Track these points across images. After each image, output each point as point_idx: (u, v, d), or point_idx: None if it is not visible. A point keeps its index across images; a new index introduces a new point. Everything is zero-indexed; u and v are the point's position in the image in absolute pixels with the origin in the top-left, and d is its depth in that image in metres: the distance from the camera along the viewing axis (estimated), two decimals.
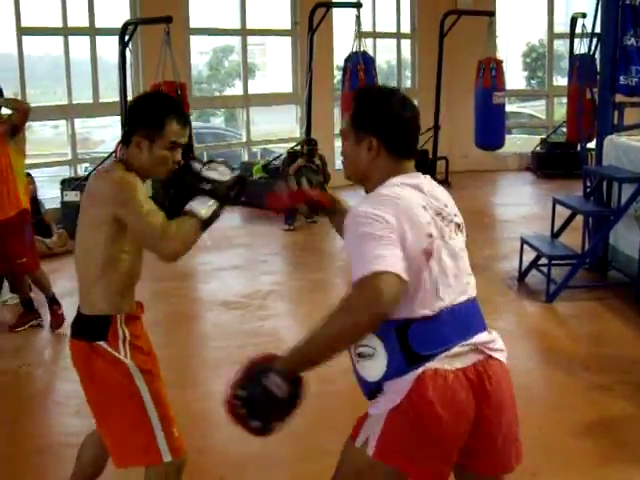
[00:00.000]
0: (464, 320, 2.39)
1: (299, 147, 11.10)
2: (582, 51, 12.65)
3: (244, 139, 12.98)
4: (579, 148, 8.88)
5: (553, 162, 13.84)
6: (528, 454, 2.60)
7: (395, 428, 2.34)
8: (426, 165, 12.77)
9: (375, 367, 2.36)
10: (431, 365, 2.31)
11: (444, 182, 12.70)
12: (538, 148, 14.44)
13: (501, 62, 12.42)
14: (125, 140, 2.96)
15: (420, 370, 2.31)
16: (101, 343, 2.89)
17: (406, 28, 14.21)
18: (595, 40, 7.97)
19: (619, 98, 7.75)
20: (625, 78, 7.44)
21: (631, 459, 4.17)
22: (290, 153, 11.43)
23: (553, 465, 4.09)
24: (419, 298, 2.32)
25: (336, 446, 2.60)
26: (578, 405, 4.86)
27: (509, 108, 16.15)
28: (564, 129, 14.08)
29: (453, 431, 2.32)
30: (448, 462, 2.39)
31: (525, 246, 7.55)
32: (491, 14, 12.59)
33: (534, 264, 7.54)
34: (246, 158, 12.87)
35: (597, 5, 7.62)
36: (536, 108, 17.15)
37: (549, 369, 5.58)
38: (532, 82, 20.31)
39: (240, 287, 7.66)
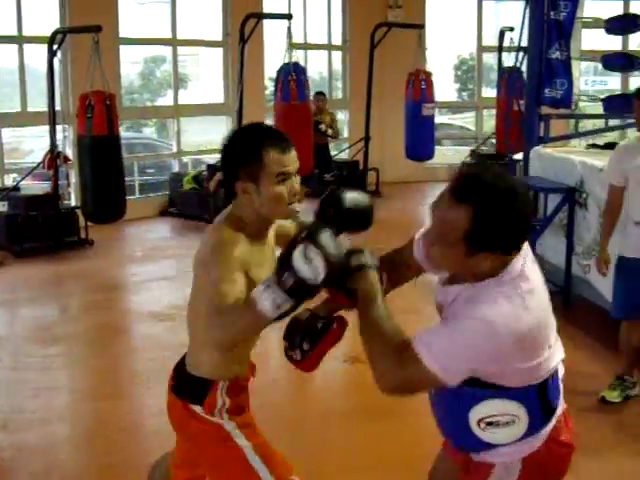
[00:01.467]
0: None
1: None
2: (510, 64, 12.90)
3: (175, 149, 12.93)
4: (507, 160, 9.01)
5: None
6: None
7: (533, 474, 2.37)
8: (357, 176, 12.89)
9: (512, 432, 2.32)
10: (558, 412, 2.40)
11: (375, 193, 12.83)
12: (468, 159, 14.63)
13: (430, 74, 12.56)
14: (228, 192, 2.63)
15: (554, 420, 2.37)
16: (196, 407, 2.70)
17: (337, 40, 14.31)
18: (522, 53, 8.13)
19: (545, 110, 7.92)
20: (550, 90, 7.61)
21: None
22: (210, 166, 11.41)
23: None
24: (552, 352, 2.34)
25: None
26: None
27: (440, 120, 16.36)
28: (493, 140, 14.31)
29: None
30: None
31: None
32: (421, 27, 12.76)
33: None
34: (177, 169, 12.81)
35: (523, 19, 7.78)
36: (467, 120, 17.40)
37: None
38: (463, 94, 20.55)
39: (171, 298, 7.60)
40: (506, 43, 13.07)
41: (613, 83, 16.13)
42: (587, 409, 4.92)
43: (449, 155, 15.91)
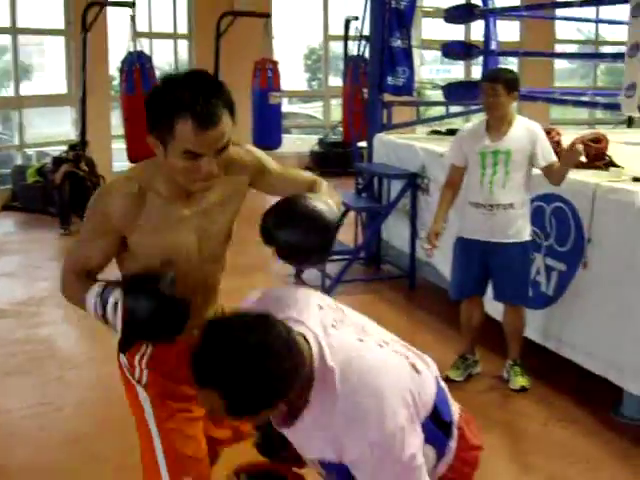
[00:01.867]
0: None
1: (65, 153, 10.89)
2: (355, 53, 13.06)
3: (17, 142, 12.53)
4: (352, 147, 9.14)
5: (330, 161, 14.18)
6: None
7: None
8: None
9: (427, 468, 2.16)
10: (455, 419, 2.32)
11: None
12: (316, 148, 14.77)
13: (277, 63, 12.62)
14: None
15: (456, 432, 2.29)
16: (122, 357, 2.52)
17: (183, 29, 14.15)
18: (365, 42, 8.24)
19: (387, 98, 8.07)
20: (392, 78, 7.76)
21: None
22: (56, 159, 11.09)
23: None
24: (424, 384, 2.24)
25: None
26: None
27: (290, 109, 16.44)
28: (341, 129, 14.50)
29: None
30: None
31: None
32: (267, 15, 12.78)
33: None
34: (20, 161, 12.41)
35: (365, 8, 7.89)
36: (317, 109, 17.53)
37: None
38: (313, 83, 20.72)
39: (13, 294, 7.37)
40: (352, 32, 13.19)
41: (457, 72, 16.57)
42: None
43: (298, 144, 16.02)
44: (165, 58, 15.29)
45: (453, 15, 7.76)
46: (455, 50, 7.82)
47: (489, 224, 4.91)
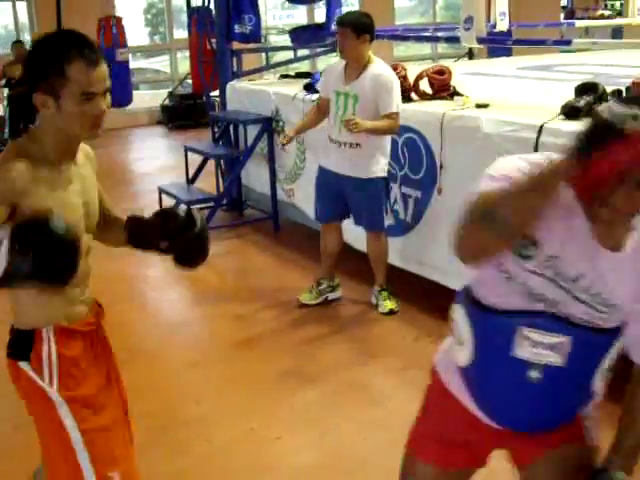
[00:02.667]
0: None
1: None
2: (199, 3, 12.99)
3: None
4: (205, 97, 9.18)
5: (182, 114, 14.17)
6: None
7: None
8: None
9: None
10: None
11: None
12: (166, 101, 14.68)
13: (121, 19, 12.45)
14: (28, 107, 2.30)
15: None
16: (23, 364, 2.38)
17: None
18: None
19: (236, 46, 8.15)
20: (240, 26, 7.84)
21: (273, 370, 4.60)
22: None
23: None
24: None
25: None
26: (226, 332, 5.24)
27: (136, 65, 16.21)
28: (190, 81, 14.43)
29: None
30: None
31: (164, 196, 7.77)
32: None
33: None
34: None
35: None
36: (162, 63, 17.33)
37: (198, 305, 5.88)
38: (155, 37, 20.41)
39: None
40: None
41: (300, 16, 16.71)
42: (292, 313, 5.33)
43: (147, 99, 15.86)
44: (4, 21, 14.86)
45: None
46: None
47: (340, 158, 5.20)
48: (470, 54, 13.92)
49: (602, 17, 16.86)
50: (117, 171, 11.29)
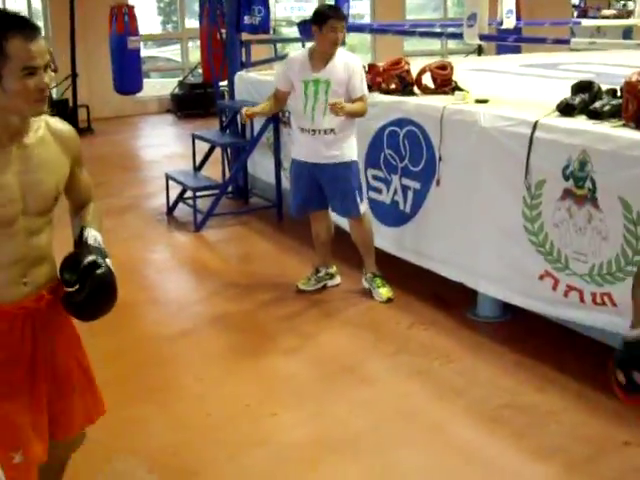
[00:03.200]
0: None
1: None
2: None
3: None
4: (214, 86, 9.32)
5: (192, 103, 14.30)
6: None
7: None
8: (67, 114, 12.71)
9: None
10: None
11: (87, 130, 12.76)
12: (176, 90, 14.82)
13: (133, 7, 12.55)
14: None
15: None
16: None
17: None
18: None
19: (245, 37, 8.29)
20: (249, 18, 7.99)
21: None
22: None
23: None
24: None
25: None
26: (227, 312, 5.40)
27: (148, 53, 16.34)
28: (200, 70, 14.58)
29: None
30: None
31: (171, 182, 7.92)
32: None
33: (180, 198, 7.94)
34: None
35: None
36: (174, 52, 17.45)
37: (200, 287, 6.05)
38: (167, 26, 20.54)
39: None
40: None
41: (311, 9, 16.82)
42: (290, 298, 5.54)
43: (157, 87, 16.01)
44: (17, 8, 14.99)
45: None
46: None
47: (314, 147, 5.36)
48: (479, 50, 14.06)
49: (614, 17, 16.97)
50: (126, 157, 11.48)
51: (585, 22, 11.34)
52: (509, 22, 8.46)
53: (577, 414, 3.98)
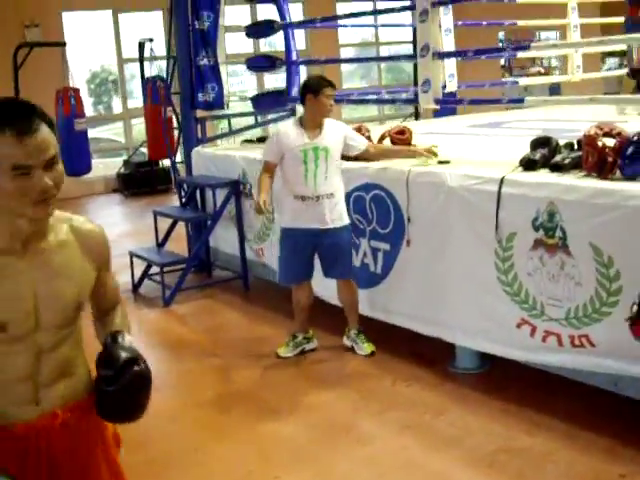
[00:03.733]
0: None
1: None
2: (152, 73, 13.36)
3: None
4: (170, 163, 9.45)
5: (138, 181, 14.43)
6: None
7: None
8: None
9: None
10: None
11: None
12: (122, 169, 14.93)
13: (78, 90, 12.70)
14: None
15: None
16: None
17: None
18: (170, 62, 8.57)
19: (200, 113, 8.48)
20: (203, 95, 8.18)
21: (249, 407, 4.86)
22: None
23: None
24: None
25: None
26: (209, 383, 5.48)
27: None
28: (143, 149, 14.76)
29: None
30: None
31: (134, 259, 8.00)
32: (63, 44, 12.89)
33: (146, 274, 8.03)
34: None
35: (170, 28, 8.23)
36: (110, 131, 17.53)
37: (179, 360, 6.11)
38: (99, 107, 20.67)
39: None
40: (146, 54, 13.44)
41: (249, 83, 17.17)
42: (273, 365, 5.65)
43: (101, 167, 16.08)
44: None
45: (254, 31, 8.27)
46: (260, 63, 8.32)
47: (316, 213, 5.50)
48: (416, 114, 14.47)
49: (539, 74, 17.64)
50: None
51: (522, 81, 11.79)
52: (452, 85, 8.78)
53: (570, 453, 4.14)
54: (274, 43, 15.03)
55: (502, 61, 17.85)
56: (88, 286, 2.28)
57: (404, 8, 7.85)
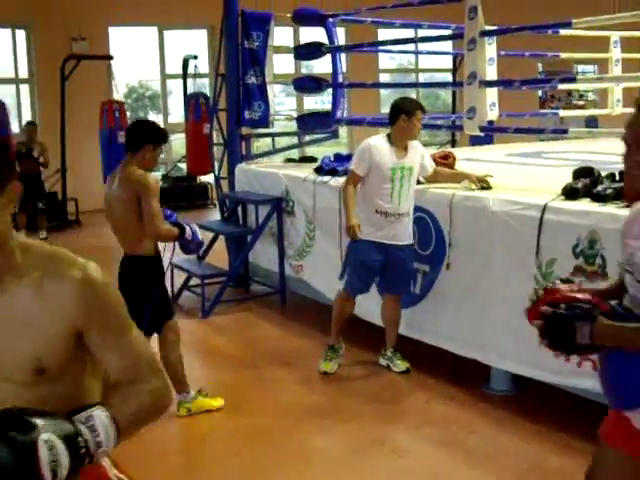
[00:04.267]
0: None
1: None
2: (194, 90, 13.60)
3: None
4: (214, 178, 9.61)
5: (177, 195, 14.60)
6: None
7: None
8: (57, 207, 12.96)
9: None
10: None
11: (75, 222, 13.05)
12: (161, 183, 15.14)
13: (123, 103, 13.00)
14: None
15: None
16: None
17: (24, 73, 14.33)
18: (220, 79, 8.78)
19: (245, 131, 8.67)
20: (249, 113, 8.37)
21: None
22: None
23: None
24: None
25: None
26: (254, 395, 5.62)
27: None
28: (181, 164, 15.01)
29: None
30: None
31: (175, 271, 8.17)
32: (109, 58, 13.17)
33: (185, 286, 8.20)
34: None
35: (220, 48, 8.44)
36: None
37: (220, 370, 6.27)
38: None
39: None
40: (190, 70, 13.67)
41: (289, 103, 17.45)
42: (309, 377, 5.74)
43: None
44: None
45: (303, 53, 8.44)
46: (306, 84, 8.49)
47: (394, 230, 5.66)
48: (453, 142, 14.64)
49: (577, 107, 17.74)
50: (116, 249, 11.65)
51: (562, 113, 11.91)
52: (493, 114, 8.92)
53: None
54: (312, 65, 15.30)
55: (539, 93, 17.98)
56: (51, 345, 1.87)
57: (452, 37, 8.01)
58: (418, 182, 5.99)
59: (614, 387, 2.48)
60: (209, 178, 12.60)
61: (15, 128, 13.36)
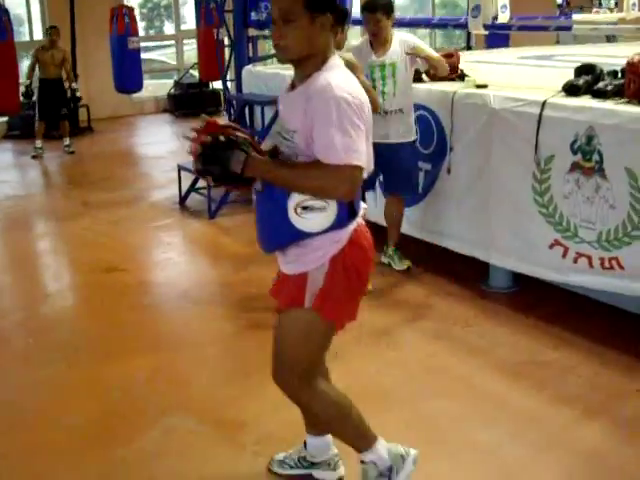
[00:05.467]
0: None
1: None
2: None
3: None
4: (221, 83, 9.57)
5: (188, 102, 14.55)
6: None
7: (338, 273, 2.82)
8: (68, 113, 12.92)
9: (321, 220, 2.70)
10: (358, 219, 2.85)
11: (87, 129, 13.05)
12: (173, 90, 15.08)
13: (133, 9, 12.85)
14: None
15: (355, 223, 2.82)
16: None
17: None
18: None
19: (252, 32, 8.59)
20: (256, 14, 8.28)
21: None
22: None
23: None
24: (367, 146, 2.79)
25: None
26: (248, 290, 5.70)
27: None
28: (193, 71, 14.92)
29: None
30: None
31: (183, 173, 8.19)
32: None
33: (192, 188, 8.24)
34: None
35: None
36: (165, 55, 17.62)
37: (222, 266, 6.37)
38: (150, 32, 20.77)
39: None
40: None
41: None
42: None
43: (150, 89, 16.24)
44: (17, 9, 15.17)
45: None
46: None
47: (384, 128, 5.56)
48: (468, 47, 14.42)
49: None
50: (128, 154, 11.78)
51: (576, 17, 11.69)
52: (504, 17, 8.81)
53: (591, 367, 4.31)
54: None
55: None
56: None
57: None
58: (420, 80, 5.94)
59: (260, 231, 2.91)
60: (220, 84, 12.54)
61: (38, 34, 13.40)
